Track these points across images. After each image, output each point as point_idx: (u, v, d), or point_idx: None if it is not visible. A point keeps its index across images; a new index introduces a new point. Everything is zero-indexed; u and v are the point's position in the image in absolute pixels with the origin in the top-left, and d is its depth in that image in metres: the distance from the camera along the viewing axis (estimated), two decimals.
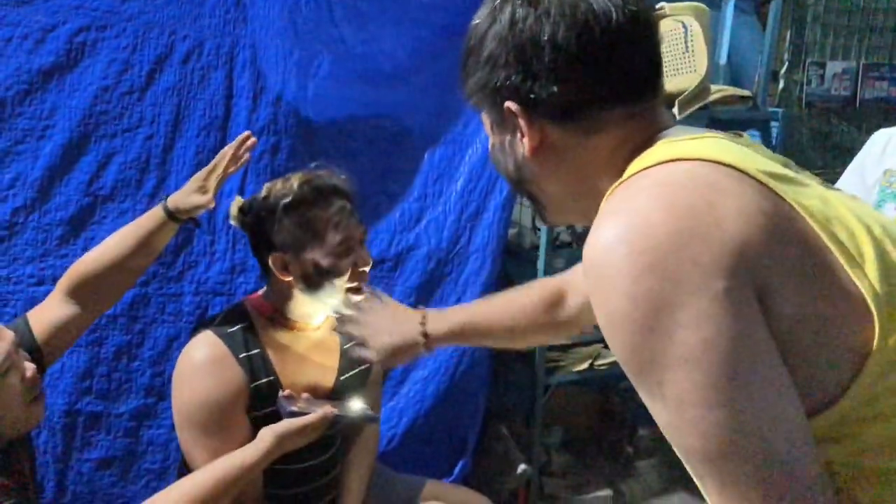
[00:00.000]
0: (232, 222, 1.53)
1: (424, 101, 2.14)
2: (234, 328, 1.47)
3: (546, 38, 0.79)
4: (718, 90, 2.49)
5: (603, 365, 2.43)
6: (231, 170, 1.46)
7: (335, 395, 1.56)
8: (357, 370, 1.61)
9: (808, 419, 0.68)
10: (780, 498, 0.65)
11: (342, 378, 1.59)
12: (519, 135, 0.85)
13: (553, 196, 0.90)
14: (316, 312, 1.53)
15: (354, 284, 1.47)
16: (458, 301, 2.17)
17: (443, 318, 1.33)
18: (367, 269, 1.50)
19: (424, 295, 2.15)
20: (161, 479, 1.99)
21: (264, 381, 1.47)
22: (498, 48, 0.83)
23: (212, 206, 1.43)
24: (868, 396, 0.69)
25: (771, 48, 2.80)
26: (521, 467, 2.34)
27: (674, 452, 0.78)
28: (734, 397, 0.65)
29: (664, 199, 0.69)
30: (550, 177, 0.88)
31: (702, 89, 2.40)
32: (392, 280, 2.12)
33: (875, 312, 0.68)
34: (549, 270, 2.28)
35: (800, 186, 0.75)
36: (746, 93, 2.56)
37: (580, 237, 2.43)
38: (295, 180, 1.46)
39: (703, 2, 2.47)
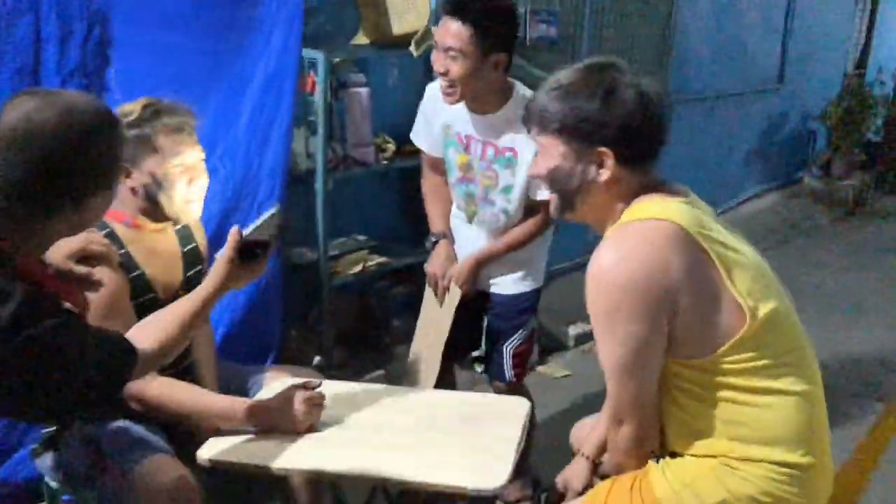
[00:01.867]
0: None
1: (205, 44, 2.36)
2: (102, 234, 1.74)
3: (641, 115, 1.41)
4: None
5: (372, 266, 2.90)
6: None
7: (184, 286, 1.87)
8: (195, 269, 1.95)
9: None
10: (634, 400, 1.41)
11: (188, 274, 1.92)
12: (595, 168, 1.43)
13: (591, 209, 1.49)
14: (160, 212, 1.82)
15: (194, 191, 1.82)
16: None
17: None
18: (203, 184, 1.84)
19: (226, 219, 2.42)
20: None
21: (134, 274, 1.77)
22: (601, 112, 1.40)
23: None
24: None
25: None
26: (316, 359, 2.75)
27: None
28: (633, 362, 1.38)
29: (629, 250, 1.36)
30: (601, 196, 1.46)
31: (427, 30, 2.92)
32: None
33: (748, 314, 1.35)
34: (326, 190, 2.67)
35: (715, 238, 1.40)
36: None
37: (343, 159, 2.83)
38: (140, 102, 1.76)
39: None
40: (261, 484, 2.20)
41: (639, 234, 1.37)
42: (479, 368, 2.80)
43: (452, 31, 2.02)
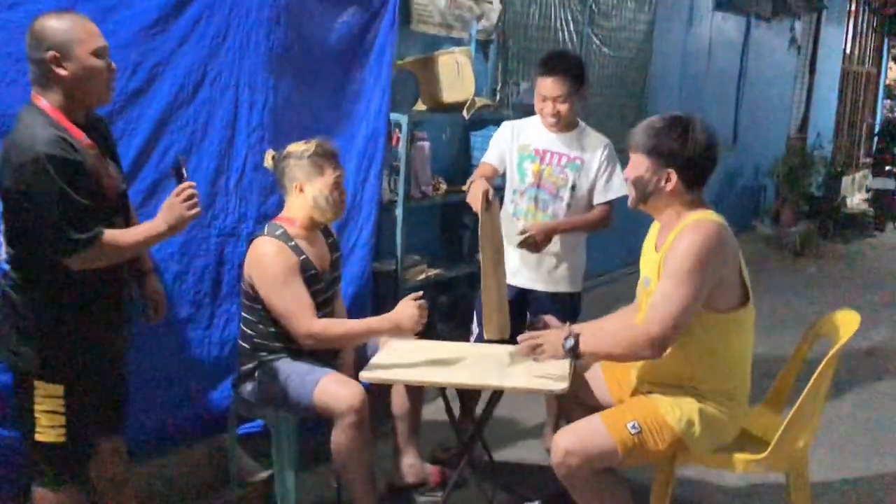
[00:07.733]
0: (267, 166, 2.70)
1: (328, 112, 3.30)
2: (278, 232, 2.64)
3: (706, 153, 2.34)
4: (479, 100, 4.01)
5: (432, 275, 3.82)
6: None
7: (333, 267, 2.77)
8: (336, 254, 2.83)
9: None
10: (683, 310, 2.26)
11: (333, 256, 2.80)
12: (664, 181, 2.33)
13: (656, 206, 2.40)
14: (318, 217, 2.70)
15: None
16: (360, 235, 3.39)
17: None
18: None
19: (341, 230, 3.31)
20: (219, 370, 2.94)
21: (302, 258, 2.64)
22: (679, 148, 2.31)
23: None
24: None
25: (492, 73, 4.41)
26: None
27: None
28: (696, 290, 2.27)
29: (709, 233, 2.28)
30: (664, 199, 2.37)
31: (473, 99, 3.91)
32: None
33: (750, 293, 2.40)
34: (405, 215, 3.59)
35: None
36: (491, 102, 4.12)
37: (423, 195, 3.77)
38: (313, 143, 2.67)
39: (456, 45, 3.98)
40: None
41: (712, 225, 2.30)
42: None
43: (554, 85, 3.02)
